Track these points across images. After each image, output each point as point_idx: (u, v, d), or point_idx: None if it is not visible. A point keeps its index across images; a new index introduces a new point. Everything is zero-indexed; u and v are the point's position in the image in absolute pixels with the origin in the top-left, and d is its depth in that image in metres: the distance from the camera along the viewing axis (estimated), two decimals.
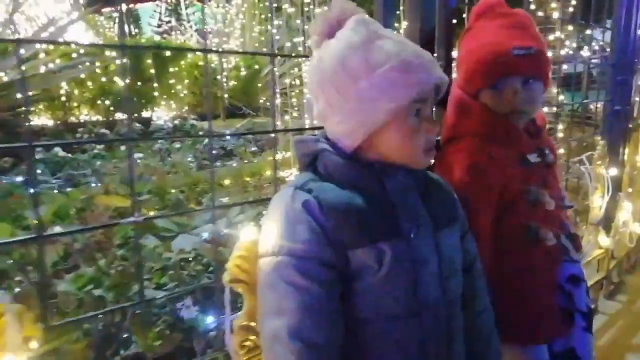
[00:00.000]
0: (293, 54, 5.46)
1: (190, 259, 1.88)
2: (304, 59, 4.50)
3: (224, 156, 7.08)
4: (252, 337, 0.86)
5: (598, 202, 2.01)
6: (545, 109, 5.96)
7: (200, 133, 6.64)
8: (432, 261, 0.81)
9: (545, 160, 1.15)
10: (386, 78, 0.76)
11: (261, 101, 8.94)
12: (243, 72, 11.73)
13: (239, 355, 0.88)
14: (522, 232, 1.10)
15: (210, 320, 1.60)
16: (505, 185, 1.08)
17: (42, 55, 5.48)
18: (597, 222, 2.05)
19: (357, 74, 0.78)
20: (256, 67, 12.67)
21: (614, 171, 2.05)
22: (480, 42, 1.13)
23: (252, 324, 0.85)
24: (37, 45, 4.76)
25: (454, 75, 1.27)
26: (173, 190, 3.97)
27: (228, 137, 7.68)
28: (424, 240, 0.80)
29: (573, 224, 1.22)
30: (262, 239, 0.81)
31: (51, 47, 6.50)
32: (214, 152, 7.16)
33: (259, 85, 9.88)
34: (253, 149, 6.24)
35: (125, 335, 1.58)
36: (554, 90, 6.03)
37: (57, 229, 1.93)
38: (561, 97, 5.88)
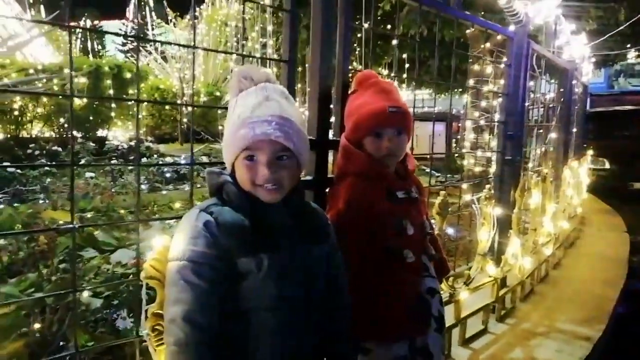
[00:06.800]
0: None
1: (131, 272, 2.07)
2: None
3: (176, 180, 7.23)
4: (162, 322, 1.12)
5: (484, 236, 2.39)
6: (479, 152, 6.49)
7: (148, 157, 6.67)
8: (298, 268, 1.10)
9: (410, 197, 1.49)
10: (229, 132, 1.07)
11: (220, 127, 9.15)
12: (203, 98, 11.92)
13: (151, 337, 1.13)
14: (386, 251, 1.43)
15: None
16: (375, 215, 1.41)
17: None
18: (484, 253, 2.42)
19: (228, 122, 1.09)
20: (217, 93, 12.96)
21: (498, 211, 2.45)
22: (365, 102, 1.48)
23: (162, 312, 1.11)
24: None
25: None
26: (122, 211, 4.11)
27: (183, 161, 7.84)
28: (293, 252, 1.10)
29: (433, 248, 1.56)
30: (172, 246, 1.07)
31: (7, 61, 6.60)
32: (167, 175, 7.31)
33: (219, 112, 10.05)
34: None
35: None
36: (487, 136, 6.63)
37: None
38: (493, 143, 6.46)
